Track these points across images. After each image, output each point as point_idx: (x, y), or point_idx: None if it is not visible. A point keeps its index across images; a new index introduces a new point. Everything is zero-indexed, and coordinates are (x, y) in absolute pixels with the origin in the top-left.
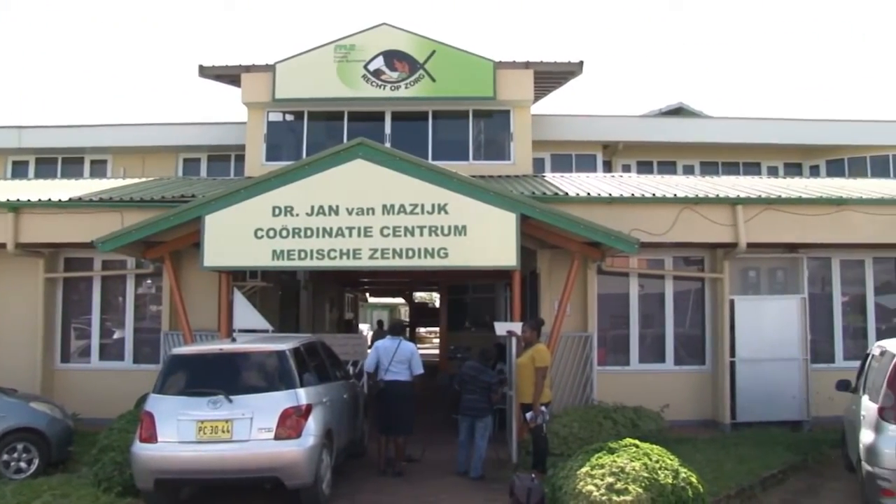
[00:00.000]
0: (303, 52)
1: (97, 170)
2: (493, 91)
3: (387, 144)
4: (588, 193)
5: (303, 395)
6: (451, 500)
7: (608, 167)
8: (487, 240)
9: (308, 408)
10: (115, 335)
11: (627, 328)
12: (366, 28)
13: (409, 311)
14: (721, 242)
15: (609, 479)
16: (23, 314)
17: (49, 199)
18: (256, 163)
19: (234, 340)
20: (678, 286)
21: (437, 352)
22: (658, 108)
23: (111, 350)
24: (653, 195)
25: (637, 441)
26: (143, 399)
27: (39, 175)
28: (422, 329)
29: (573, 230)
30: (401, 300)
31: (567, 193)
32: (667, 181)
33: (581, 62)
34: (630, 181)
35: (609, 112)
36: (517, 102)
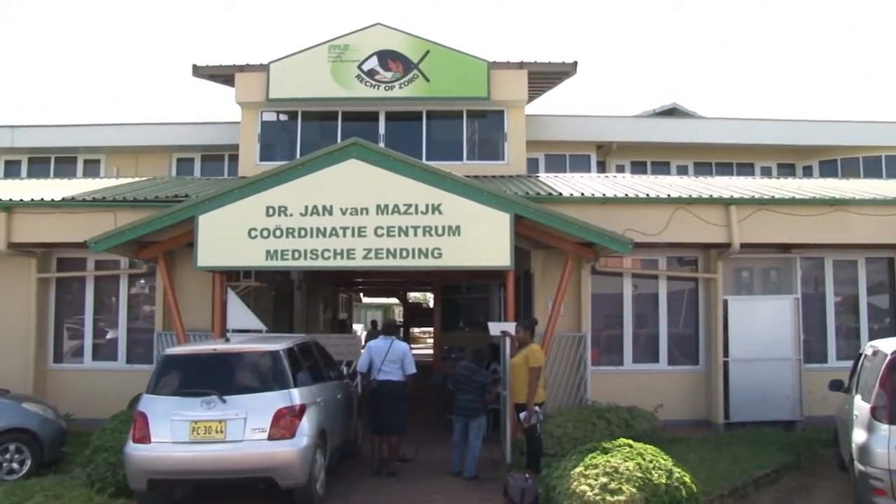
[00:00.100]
0: (297, 52)
1: (90, 169)
2: (487, 91)
3: (381, 144)
4: (582, 194)
5: (296, 396)
6: (446, 501)
7: (602, 167)
8: (481, 240)
9: (302, 408)
10: (109, 335)
11: (621, 328)
12: (360, 28)
13: (404, 312)
14: (715, 243)
15: (603, 479)
16: (15, 314)
17: (42, 199)
18: (250, 163)
19: (228, 340)
20: (672, 286)
21: (431, 352)
22: (652, 109)
23: (104, 350)
24: (646, 195)
25: (631, 441)
26: (137, 399)
27: (32, 175)
28: (416, 329)
29: (567, 230)
30: (395, 300)
31: (561, 194)
32: (660, 181)
33: (575, 62)
34: (624, 181)
35: (603, 112)
36: (511, 103)
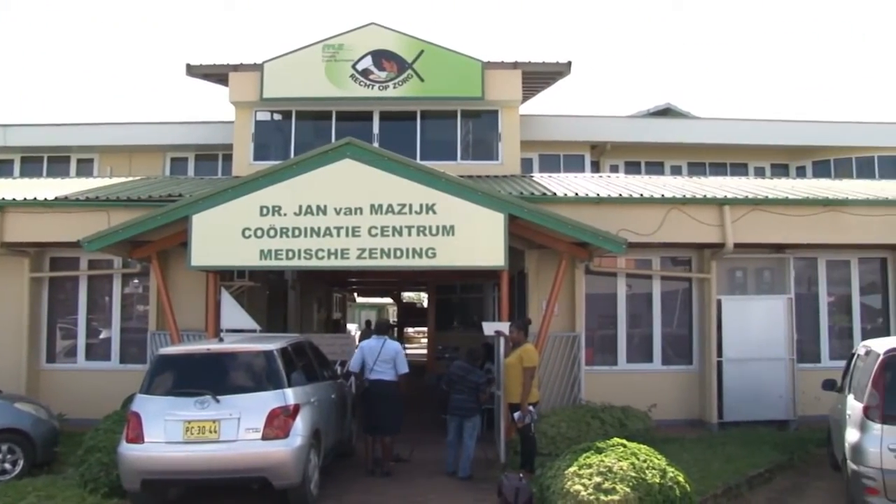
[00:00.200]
0: (291, 52)
1: (83, 169)
2: (482, 91)
3: (375, 144)
4: (576, 193)
5: (290, 395)
6: (440, 500)
7: (596, 167)
8: (475, 240)
9: (296, 408)
10: (102, 335)
11: (615, 328)
12: (354, 28)
13: (398, 311)
14: (708, 243)
15: (597, 479)
16: (8, 314)
17: (35, 199)
18: (244, 162)
19: (222, 340)
20: (665, 286)
21: (426, 352)
22: (646, 109)
23: (97, 350)
24: (640, 195)
25: (625, 441)
26: (130, 399)
27: (25, 174)
28: (410, 329)
29: (561, 230)
30: (389, 300)
31: (555, 193)
32: (654, 181)
33: (569, 63)
34: (618, 181)
35: (597, 112)
36: (505, 102)
